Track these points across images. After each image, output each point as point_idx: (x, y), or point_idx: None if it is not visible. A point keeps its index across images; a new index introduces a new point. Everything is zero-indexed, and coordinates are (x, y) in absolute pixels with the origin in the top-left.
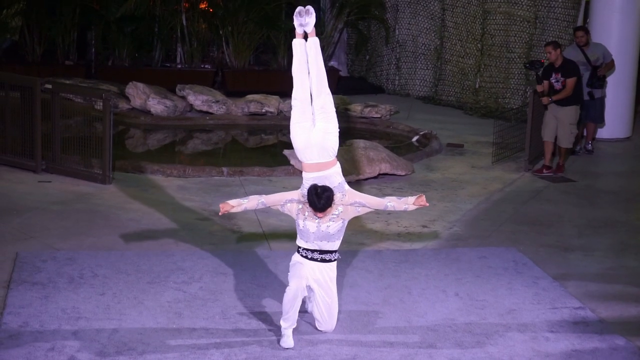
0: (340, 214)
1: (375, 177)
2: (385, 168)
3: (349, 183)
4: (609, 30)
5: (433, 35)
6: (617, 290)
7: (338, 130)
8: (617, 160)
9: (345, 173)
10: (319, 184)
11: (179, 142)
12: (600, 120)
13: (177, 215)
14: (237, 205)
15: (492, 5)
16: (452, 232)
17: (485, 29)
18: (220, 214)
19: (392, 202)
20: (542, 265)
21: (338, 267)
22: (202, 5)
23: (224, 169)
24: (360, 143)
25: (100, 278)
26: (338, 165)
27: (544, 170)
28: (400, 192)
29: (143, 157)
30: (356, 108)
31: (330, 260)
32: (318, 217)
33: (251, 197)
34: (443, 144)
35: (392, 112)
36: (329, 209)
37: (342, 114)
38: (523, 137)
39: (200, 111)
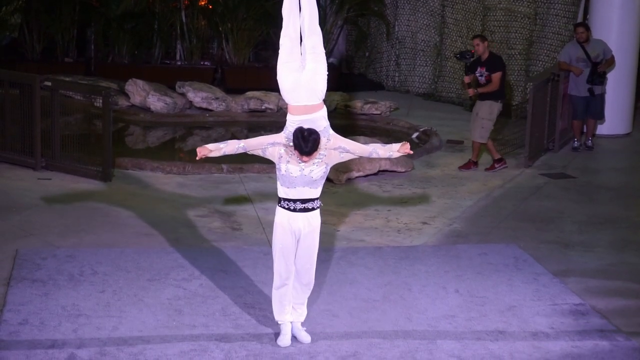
0: (324, 159)
1: (375, 174)
2: (385, 165)
3: (349, 179)
4: (609, 27)
5: (433, 31)
6: (618, 286)
7: (327, 72)
8: (617, 156)
9: (345, 169)
10: (305, 127)
11: (178, 139)
12: (600, 117)
13: (177, 213)
14: (215, 149)
15: (492, 1)
16: (452, 229)
17: (485, 26)
18: (197, 158)
19: (377, 150)
20: (543, 262)
21: (338, 263)
22: (202, 2)
23: (224, 166)
24: (360, 139)
25: (100, 275)
26: (325, 109)
27: (471, 166)
28: (400, 189)
29: (143, 155)
30: (356, 105)
31: (313, 209)
32: (303, 161)
33: (230, 141)
34: (443, 141)
35: (391, 109)
36: (314, 153)
37: (342, 111)
38: (523, 134)
39: (200, 108)
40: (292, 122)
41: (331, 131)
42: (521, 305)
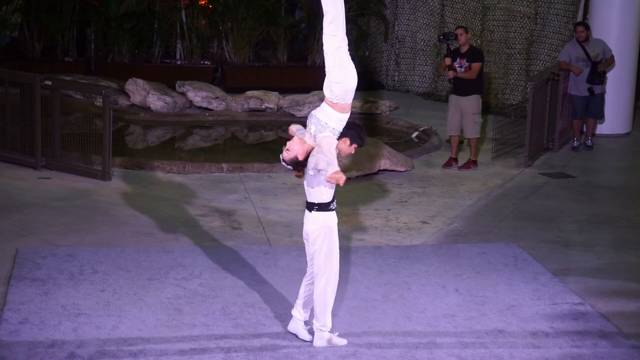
0: None
1: (375, 173)
2: (385, 164)
3: (349, 179)
4: (609, 26)
5: (432, 31)
6: (617, 285)
7: None
8: (616, 156)
9: (345, 169)
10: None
11: (178, 138)
12: (600, 116)
13: (177, 212)
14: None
15: (491, 1)
16: (452, 228)
17: (484, 25)
18: (342, 184)
19: (320, 161)
20: (542, 261)
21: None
22: (202, 2)
23: (224, 165)
24: None
25: (100, 274)
26: None
27: (453, 163)
28: (400, 188)
29: (143, 154)
30: (356, 104)
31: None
32: (351, 154)
33: (334, 161)
34: (443, 140)
35: (391, 108)
36: None
37: None
38: (523, 133)
39: (200, 107)
40: (342, 120)
41: None
42: (521, 305)
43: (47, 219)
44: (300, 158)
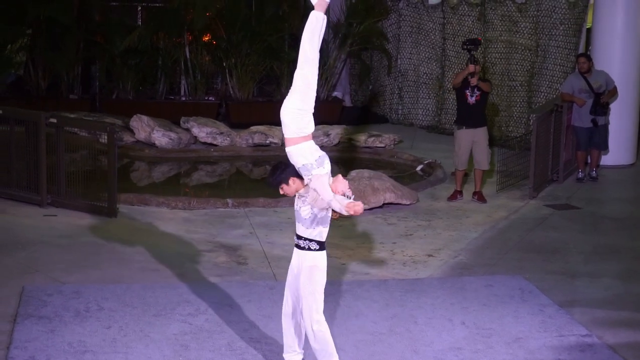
0: (307, 199)
1: (380, 207)
2: (390, 197)
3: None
4: (611, 57)
5: (434, 64)
6: (624, 316)
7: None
8: (621, 186)
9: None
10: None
11: (183, 174)
12: (604, 147)
13: (183, 248)
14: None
15: (493, 33)
16: (457, 261)
17: (486, 57)
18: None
19: (332, 202)
20: (549, 293)
21: (343, 297)
22: (205, 38)
23: (229, 201)
24: (365, 173)
25: (106, 311)
26: (300, 145)
27: (458, 196)
28: (405, 221)
29: (148, 190)
30: (360, 138)
31: (302, 248)
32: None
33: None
34: (447, 173)
35: (396, 142)
36: (280, 186)
37: (346, 144)
38: (527, 165)
39: (205, 143)
40: None
41: (315, 171)
42: (527, 337)
43: (52, 256)
44: None
